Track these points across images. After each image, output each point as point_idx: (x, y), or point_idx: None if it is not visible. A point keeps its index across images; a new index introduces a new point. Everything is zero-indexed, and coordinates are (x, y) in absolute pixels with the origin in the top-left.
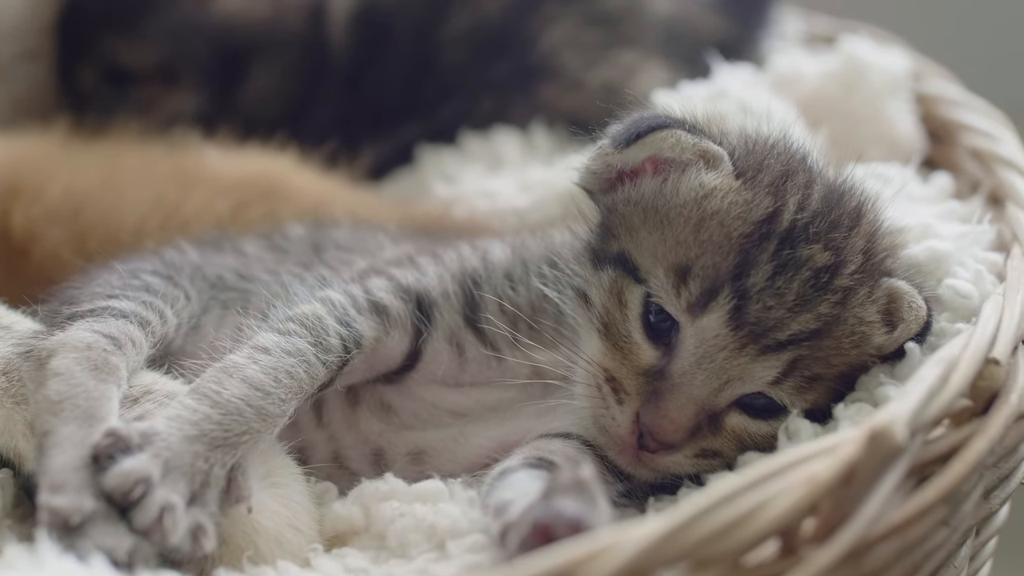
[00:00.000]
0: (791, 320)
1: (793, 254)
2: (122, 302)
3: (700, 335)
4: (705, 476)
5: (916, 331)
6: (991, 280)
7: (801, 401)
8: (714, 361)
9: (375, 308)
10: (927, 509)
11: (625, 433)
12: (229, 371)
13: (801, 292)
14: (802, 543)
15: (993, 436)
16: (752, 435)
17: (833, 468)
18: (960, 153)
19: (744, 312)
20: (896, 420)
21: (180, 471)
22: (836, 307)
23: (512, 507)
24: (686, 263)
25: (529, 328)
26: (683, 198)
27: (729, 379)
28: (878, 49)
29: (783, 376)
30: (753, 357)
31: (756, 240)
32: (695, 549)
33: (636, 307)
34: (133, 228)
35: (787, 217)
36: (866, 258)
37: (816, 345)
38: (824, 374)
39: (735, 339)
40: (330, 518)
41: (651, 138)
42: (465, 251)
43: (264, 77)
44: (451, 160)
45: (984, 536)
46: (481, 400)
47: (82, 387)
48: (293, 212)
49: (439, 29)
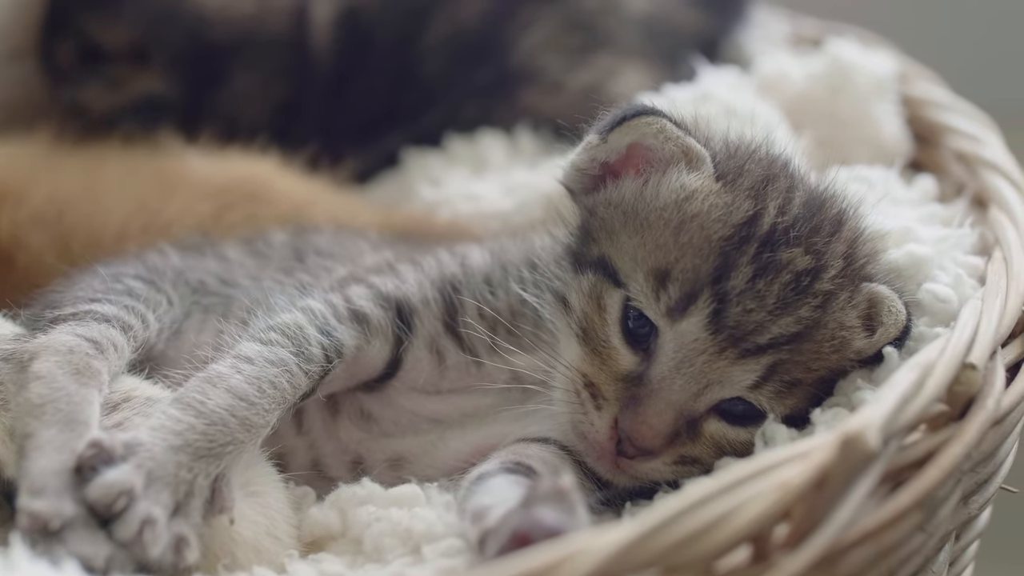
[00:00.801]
0: (771, 323)
1: (773, 257)
2: (104, 306)
3: (679, 339)
4: (683, 482)
5: (895, 335)
6: (971, 284)
7: (780, 406)
8: (693, 365)
9: (355, 317)
10: (902, 514)
11: (604, 439)
12: (213, 381)
13: (781, 295)
14: (774, 549)
15: (969, 441)
16: (731, 441)
17: (805, 473)
18: (945, 156)
19: (724, 316)
20: (869, 426)
21: (164, 481)
22: (816, 311)
23: (490, 513)
24: (666, 267)
25: (508, 332)
26: (663, 200)
27: (708, 383)
28: (864, 51)
29: (762, 380)
30: (732, 361)
31: (736, 243)
32: (665, 555)
33: (615, 312)
34: (116, 232)
35: (767, 221)
36: (847, 263)
37: (796, 349)
38: (804, 378)
39: (714, 343)
40: (307, 523)
41: (636, 122)
42: (444, 257)
43: (246, 78)
44: (436, 163)
45: (965, 541)
46: (460, 406)
47: (64, 391)
48: (275, 216)
49: (419, 38)
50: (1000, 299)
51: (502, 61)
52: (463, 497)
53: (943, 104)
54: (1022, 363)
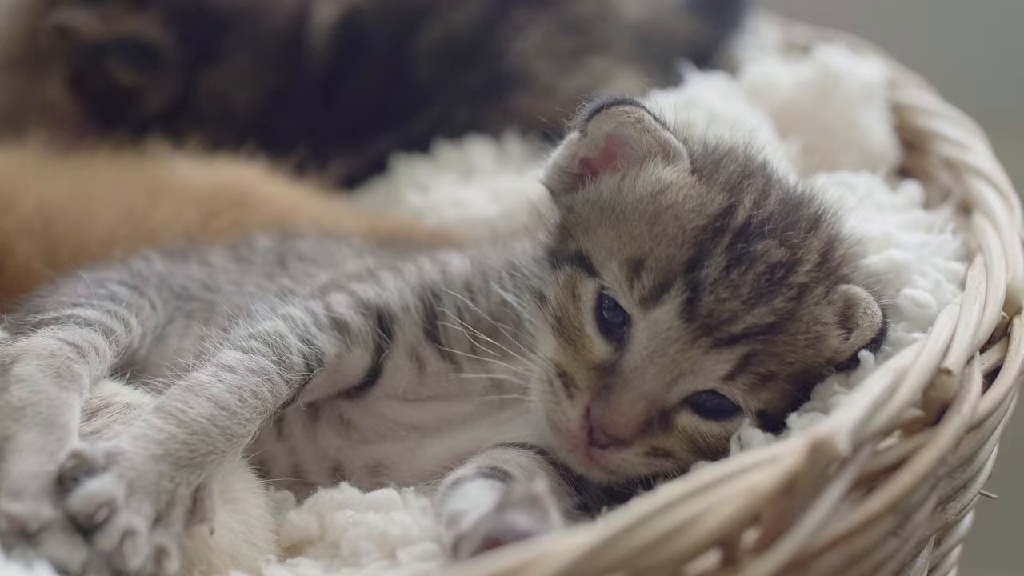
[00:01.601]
0: (745, 313)
1: (748, 248)
2: (87, 311)
3: (652, 328)
4: (657, 484)
5: (871, 337)
6: (951, 290)
7: (754, 400)
8: (666, 354)
9: (336, 325)
10: (874, 519)
11: (575, 428)
12: (195, 390)
13: (755, 285)
14: (744, 553)
15: (944, 447)
16: (704, 435)
17: (774, 478)
18: (933, 162)
19: (697, 305)
20: (838, 431)
21: (145, 491)
22: (791, 302)
23: (465, 518)
24: (640, 256)
25: (488, 337)
26: (639, 193)
27: (681, 373)
28: (853, 58)
29: (736, 372)
30: (706, 350)
31: (710, 234)
32: (632, 558)
33: (589, 300)
34: (103, 239)
35: (742, 213)
36: (823, 259)
37: (770, 340)
38: (778, 372)
39: (688, 331)
40: (286, 527)
41: (614, 110)
42: (425, 264)
43: (242, 60)
44: (424, 169)
45: (946, 546)
46: (439, 414)
47: (44, 394)
48: (262, 222)
49: (412, 43)
50: (979, 305)
51: (494, 66)
52: (439, 502)
53: (931, 110)
54: (1000, 369)
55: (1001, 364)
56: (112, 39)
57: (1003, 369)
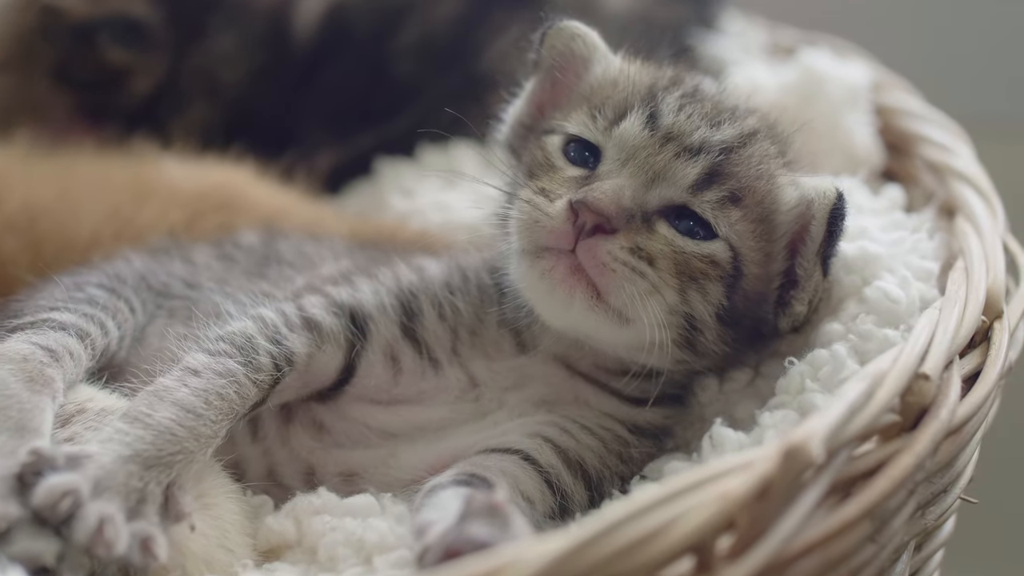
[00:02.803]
0: (701, 131)
1: (696, 95)
2: (63, 314)
3: (620, 140)
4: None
5: (825, 214)
6: (920, 288)
7: (724, 222)
8: (637, 158)
9: (307, 324)
10: (849, 525)
11: (560, 219)
12: (160, 394)
13: (707, 115)
14: (718, 559)
15: (921, 452)
16: (683, 252)
17: (748, 483)
18: (917, 165)
19: (658, 119)
20: (812, 436)
21: (114, 489)
22: (740, 137)
23: (432, 529)
24: (600, 102)
25: (470, 335)
26: (594, 79)
27: (654, 176)
28: (837, 61)
29: (703, 183)
30: (673, 156)
31: (662, 85)
32: (605, 564)
33: (556, 144)
34: (88, 238)
35: (689, 81)
36: (768, 128)
37: (727, 159)
38: (742, 196)
39: (653, 140)
40: (263, 532)
41: (561, 26)
42: (401, 269)
43: (226, 37)
44: (409, 173)
45: (927, 551)
46: (410, 419)
47: (15, 398)
48: (248, 223)
49: (393, 37)
50: (958, 309)
51: (473, 65)
52: (416, 510)
53: (916, 114)
54: (980, 373)
55: (981, 368)
56: (101, 17)
57: (983, 374)
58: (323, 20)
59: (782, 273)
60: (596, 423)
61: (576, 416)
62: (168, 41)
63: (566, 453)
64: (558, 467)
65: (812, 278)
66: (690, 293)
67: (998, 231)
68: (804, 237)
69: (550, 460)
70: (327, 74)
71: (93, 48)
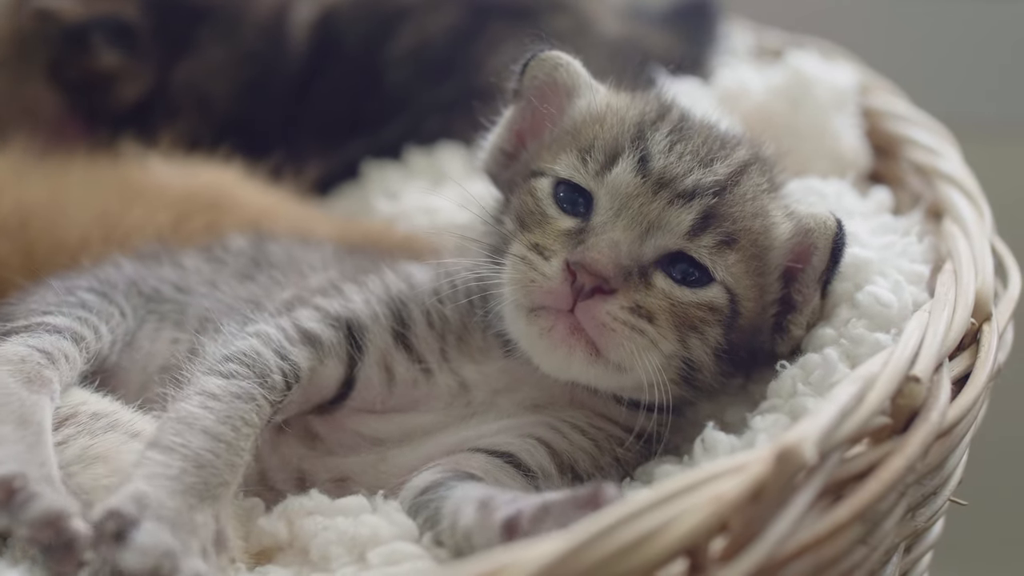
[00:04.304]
0: (693, 172)
1: (685, 130)
2: (57, 318)
3: (613, 189)
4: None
5: (828, 244)
6: (912, 292)
7: (722, 265)
8: (631, 208)
9: (307, 338)
10: (842, 527)
11: (557, 281)
12: (187, 422)
13: (697, 154)
14: (711, 562)
15: (912, 454)
16: (681, 302)
17: (741, 486)
18: (904, 167)
19: (649, 163)
20: (805, 439)
21: (185, 529)
22: (732, 174)
23: (497, 501)
24: (588, 144)
25: (458, 340)
26: (578, 112)
27: (648, 227)
28: (824, 64)
29: (698, 228)
30: (667, 203)
31: (650, 121)
32: (597, 568)
33: (546, 190)
34: (78, 240)
35: (676, 112)
36: (757, 158)
37: (721, 201)
38: (737, 237)
39: (645, 187)
40: (256, 533)
41: (543, 56)
42: (389, 276)
43: (217, 51)
44: (395, 176)
45: (916, 553)
46: (403, 426)
47: (15, 396)
48: (236, 225)
49: (386, 46)
50: (948, 312)
51: (468, 79)
52: (425, 506)
53: (903, 116)
54: (970, 375)
55: (970, 371)
56: (93, 18)
57: (972, 376)
58: (315, 31)
59: (777, 301)
60: (588, 423)
61: (568, 417)
62: (156, 50)
63: (560, 456)
64: (549, 470)
65: (811, 303)
66: (690, 341)
67: (986, 233)
68: (804, 265)
69: (541, 462)
70: (320, 87)
71: (86, 50)
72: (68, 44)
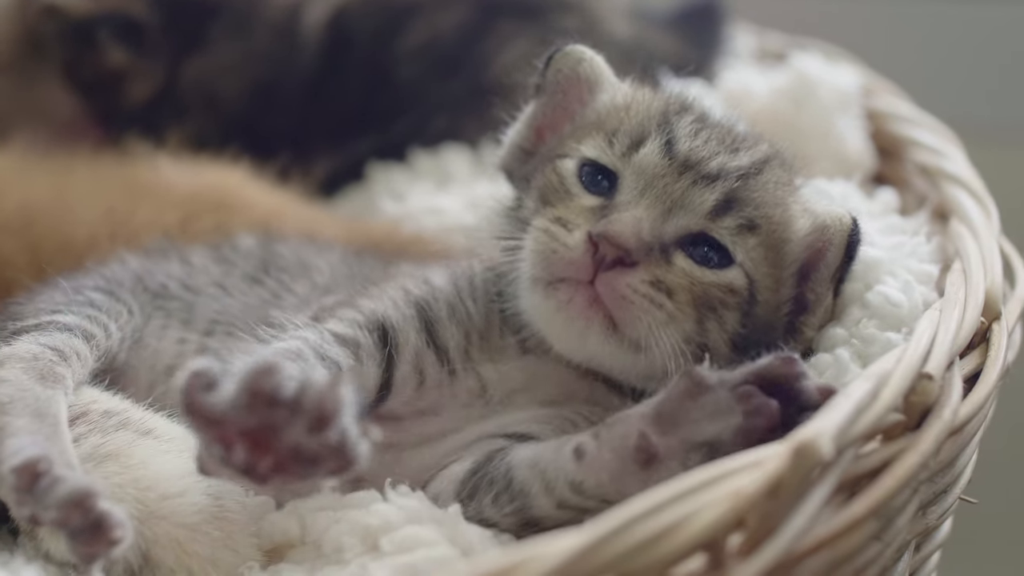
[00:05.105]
0: (717, 157)
1: (707, 116)
2: (67, 316)
3: (639, 168)
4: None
5: (843, 240)
6: (923, 291)
7: (742, 248)
8: (655, 187)
9: (344, 342)
10: (856, 523)
11: (579, 253)
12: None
13: (721, 141)
14: (729, 557)
15: (925, 451)
16: (701, 283)
17: (759, 482)
18: (908, 169)
19: (675, 147)
20: (822, 434)
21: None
22: (755, 163)
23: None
24: (615, 128)
25: (480, 339)
26: (602, 105)
27: (672, 205)
28: (828, 65)
29: (721, 210)
30: (691, 183)
31: (675, 111)
32: (618, 562)
33: (571, 169)
34: (85, 239)
35: (699, 107)
36: (777, 154)
37: (744, 185)
38: (758, 223)
39: (671, 168)
40: (267, 530)
41: (568, 51)
42: (408, 282)
43: (227, 50)
44: (401, 178)
45: (925, 551)
46: (421, 430)
47: (31, 391)
48: (243, 225)
49: (396, 41)
50: (958, 310)
51: (477, 75)
52: (490, 483)
53: (907, 118)
54: (980, 374)
55: (981, 369)
56: (101, 14)
57: (983, 374)
58: (327, 30)
59: (791, 300)
60: (603, 419)
61: (585, 412)
62: (165, 47)
63: None
64: None
65: (823, 303)
66: (707, 323)
67: (993, 233)
68: (818, 263)
69: None
70: (331, 88)
71: (94, 48)
72: (75, 41)
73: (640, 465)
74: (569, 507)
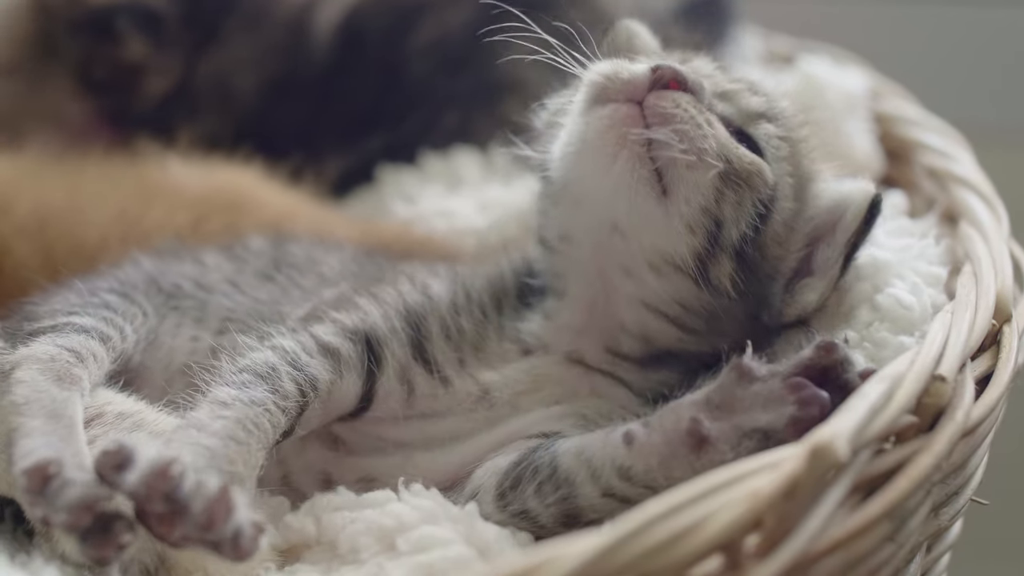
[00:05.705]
0: (765, 91)
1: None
2: (83, 318)
3: (697, 69)
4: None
5: (864, 204)
6: (931, 294)
7: (774, 156)
8: (712, 77)
9: (325, 351)
10: (871, 524)
11: (640, 74)
12: (197, 426)
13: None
14: (746, 558)
15: (938, 453)
16: (735, 154)
17: (775, 483)
18: (917, 172)
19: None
20: (838, 436)
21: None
22: (797, 124)
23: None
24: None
25: (474, 351)
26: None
27: (723, 93)
28: (836, 69)
29: (762, 117)
30: (741, 88)
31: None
32: (637, 563)
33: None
34: (97, 241)
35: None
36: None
37: (785, 119)
38: (792, 151)
39: (725, 76)
40: (283, 531)
41: (624, 24)
42: (406, 287)
43: (242, 44)
44: (411, 180)
45: (936, 552)
46: (425, 431)
47: (47, 392)
48: (256, 226)
49: (407, 39)
50: (970, 313)
51: (486, 72)
52: (533, 472)
53: (915, 121)
54: (992, 376)
55: (992, 371)
56: (121, 3)
57: (994, 376)
58: (340, 27)
59: (799, 260)
60: (610, 412)
61: (592, 406)
62: (183, 39)
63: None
64: None
65: (832, 269)
66: (726, 199)
67: (1003, 236)
68: (834, 227)
69: None
70: (343, 85)
71: (112, 39)
72: (94, 31)
73: (690, 448)
74: (614, 496)
